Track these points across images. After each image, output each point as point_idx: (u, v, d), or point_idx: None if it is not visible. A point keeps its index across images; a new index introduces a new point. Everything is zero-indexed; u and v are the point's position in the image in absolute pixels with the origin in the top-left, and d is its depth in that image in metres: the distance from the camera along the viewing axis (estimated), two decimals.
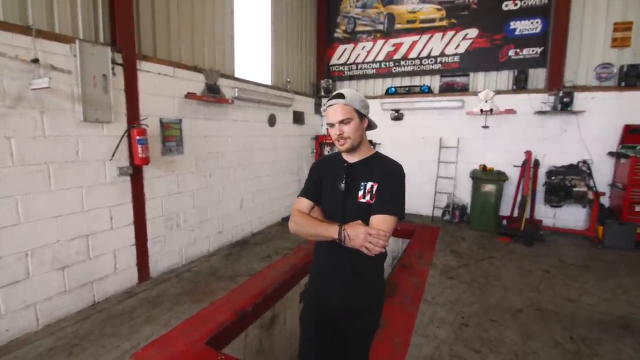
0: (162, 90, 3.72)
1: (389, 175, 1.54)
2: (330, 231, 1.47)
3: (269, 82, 5.82)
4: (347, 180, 1.58)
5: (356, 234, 1.42)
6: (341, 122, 1.50)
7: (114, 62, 3.15)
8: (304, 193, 1.69)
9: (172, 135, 3.83)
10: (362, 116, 1.55)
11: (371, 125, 1.64)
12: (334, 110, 1.50)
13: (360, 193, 1.54)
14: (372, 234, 1.41)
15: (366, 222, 1.49)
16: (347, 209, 1.56)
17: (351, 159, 1.62)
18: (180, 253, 4.09)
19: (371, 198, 1.52)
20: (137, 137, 3.23)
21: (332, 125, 1.53)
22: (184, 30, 4.06)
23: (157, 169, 3.69)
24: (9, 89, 2.51)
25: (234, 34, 4.91)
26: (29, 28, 2.59)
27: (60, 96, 2.81)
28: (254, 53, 5.52)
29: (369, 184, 1.53)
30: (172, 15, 3.89)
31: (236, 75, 4.93)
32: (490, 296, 3.42)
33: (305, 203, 1.66)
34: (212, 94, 4.34)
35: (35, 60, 2.59)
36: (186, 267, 4.06)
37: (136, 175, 3.44)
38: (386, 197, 1.50)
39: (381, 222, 1.45)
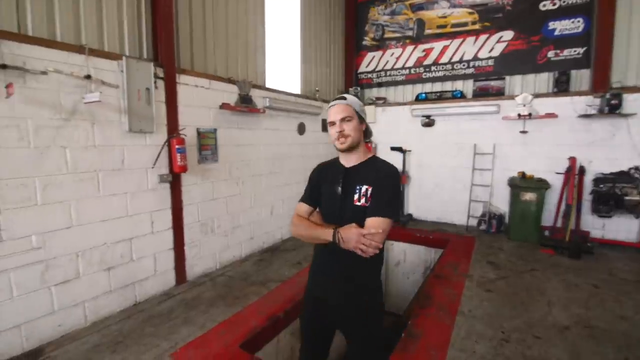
0: (199, 101, 3.91)
1: (382, 179, 1.60)
2: (325, 234, 1.56)
3: (298, 92, 5.94)
4: (344, 184, 1.65)
5: (349, 237, 1.49)
6: (342, 119, 1.61)
7: (156, 76, 3.36)
8: (304, 198, 1.81)
9: (207, 144, 4.00)
10: (361, 119, 1.66)
11: (368, 133, 1.75)
12: (336, 109, 1.63)
13: (356, 197, 1.60)
14: (365, 235, 1.47)
15: (362, 225, 1.54)
16: (344, 212, 1.62)
17: (348, 163, 1.70)
18: (215, 258, 4.22)
19: (366, 201, 1.58)
20: (177, 146, 3.40)
21: (333, 123, 1.63)
22: (219, 44, 4.26)
23: (194, 176, 3.86)
24: (65, 103, 2.74)
25: (265, 45, 5.07)
26: (82, 47, 2.83)
27: (108, 109, 3.03)
28: (283, 63, 5.66)
29: (364, 188, 1.59)
30: (208, 30, 4.10)
31: (267, 86, 5.08)
32: (533, 311, 3.22)
33: (304, 208, 1.77)
34: (245, 104, 4.48)
35: (88, 77, 2.82)
36: (220, 271, 4.18)
37: (175, 183, 3.61)
38: (380, 200, 1.56)
39: (375, 224, 1.51)
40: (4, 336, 2.48)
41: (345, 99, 1.65)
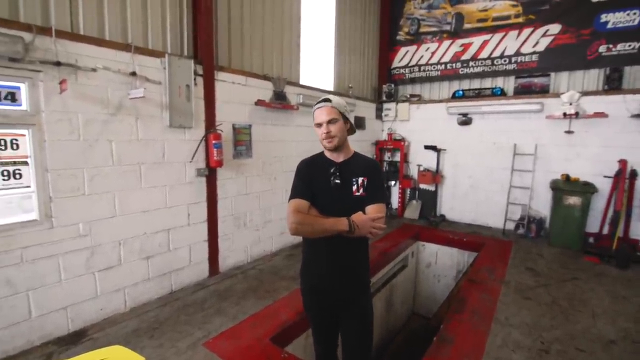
0: (235, 97, 3.99)
1: (374, 171, 1.81)
2: (340, 224, 1.66)
3: (331, 88, 5.91)
4: (341, 178, 1.78)
5: (363, 223, 1.66)
6: (329, 122, 1.72)
7: (195, 73, 3.45)
8: (300, 195, 1.81)
9: (242, 140, 4.07)
10: (345, 119, 1.79)
11: (353, 129, 1.88)
12: (322, 112, 1.74)
13: (354, 188, 1.76)
14: (375, 220, 1.66)
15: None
16: (344, 203, 1.74)
17: (338, 158, 1.84)
18: (246, 251, 4.31)
19: (364, 191, 1.75)
20: (213, 142, 3.49)
21: (319, 125, 1.75)
22: (255, 41, 4.31)
23: (229, 171, 3.95)
24: (112, 98, 2.89)
25: (300, 42, 5.08)
26: (128, 45, 2.96)
27: (151, 104, 3.16)
28: (317, 60, 5.64)
29: (360, 179, 1.76)
30: (246, 27, 4.15)
31: (301, 82, 5.08)
32: (575, 322, 3.04)
33: (304, 204, 1.78)
34: (279, 100, 4.52)
35: (133, 73, 2.95)
36: (251, 264, 4.26)
37: (211, 177, 3.72)
38: (376, 189, 1.77)
39: (377, 210, 1.72)
40: (52, 317, 2.66)
41: (330, 101, 1.75)
